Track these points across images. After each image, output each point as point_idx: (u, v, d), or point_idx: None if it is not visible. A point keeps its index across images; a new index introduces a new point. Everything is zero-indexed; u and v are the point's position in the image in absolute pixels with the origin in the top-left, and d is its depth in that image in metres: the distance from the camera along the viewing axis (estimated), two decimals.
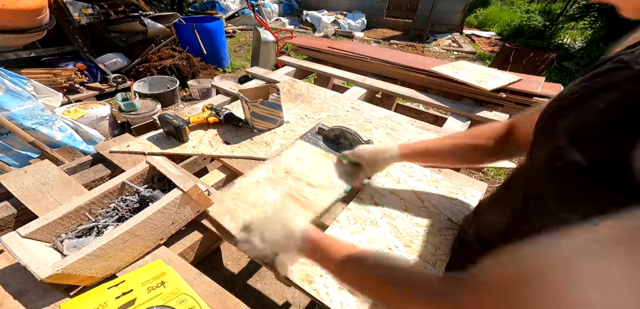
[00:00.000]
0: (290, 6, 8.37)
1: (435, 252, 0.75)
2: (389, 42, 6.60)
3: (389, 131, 1.24)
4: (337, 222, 0.81)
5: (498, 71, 1.62)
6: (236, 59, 4.71)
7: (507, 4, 9.26)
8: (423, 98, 1.55)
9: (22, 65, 2.72)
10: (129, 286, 0.59)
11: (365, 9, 7.79)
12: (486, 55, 5.74)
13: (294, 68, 1.96)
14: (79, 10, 3.01)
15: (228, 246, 1.70)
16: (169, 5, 5.53)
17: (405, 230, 0.80)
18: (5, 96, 1.61)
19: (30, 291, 0.60)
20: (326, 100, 1.48)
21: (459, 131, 0.76)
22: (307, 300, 1.55)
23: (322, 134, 1.20)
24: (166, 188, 0.82)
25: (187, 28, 3.79)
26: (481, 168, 2.55)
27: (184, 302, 0.58)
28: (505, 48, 4.33)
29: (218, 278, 0.68)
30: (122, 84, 3.23)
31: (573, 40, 6.13)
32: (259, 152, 1.08)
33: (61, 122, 1.85)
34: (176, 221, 0.75)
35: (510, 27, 7.33)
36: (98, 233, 0.71)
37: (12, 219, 0.82)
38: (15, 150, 1.68)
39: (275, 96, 1.16)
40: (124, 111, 2.60)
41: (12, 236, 0.60)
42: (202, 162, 1.25)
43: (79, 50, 3.13)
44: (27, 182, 0.86)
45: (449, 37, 6.88)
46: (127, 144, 1.07)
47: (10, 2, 2.24)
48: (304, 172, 0.98)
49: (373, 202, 0.88)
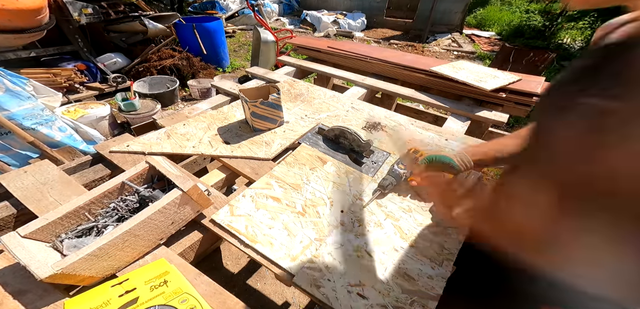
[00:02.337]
0: (290, 6, 8.36)
1: (441, 251, 0.75)
2: (389, 42, 6.60)
3: (389, 130, 1.24)
4: (341, 225, 0.81)
5: (498, 71, 1.62)
6: (236, 59, 4.70)
7: (505, 4, 9.26)
8: (423, 98, 1.55)
9: (21, 65, 2.72)
10: (132, 284, 0.59)
11: (365, 9, 7.78)
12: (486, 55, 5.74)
13: (293, 68, 1.96)
14: (79, 10, 3.01)
15: (228, 246, 1.70)
16: (169, 5, 5.52)
17: (410, 230, 0.80)
18: (5, 95, 1.61)
19: (30, 291, 0.60)
20: (326, 100, 1.48)
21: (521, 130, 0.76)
22: (306, 300, 1.55)
23: (322, 134, 1.20)
24: (166, 188, 0.82)
25: (187, 28, 3.79)
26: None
27: (185, 302, 0.58)
28: (505, 48, 4.33)
29: (218, 278, 0.68)
30: (122, 84, 3.22)
31: (573, 40, 6.13)
32: (259, 152, 1.08)
33: (61, 122, 1.85)
34: (176, 221, 0.75)
35: (510, 27, 7.33)
36: (98, 232, 0.71)
37: (11, 219, 0.82)
38: (15, 150, 1.68)
39: (275, 96, 1.16)
40: (124, 111, 2.59)
41: (12, 236, 0.60)
42: (202, 162, 1.25)
43: (79, 50, 3.13)
44: (26, 182, 0.86)
45: (449, 37, 6.88)
46: (127, 144, 1.07)
47: (10, 2, 2.24)
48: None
49: (376, 203, 0.88)
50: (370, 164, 1.05)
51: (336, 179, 0.97)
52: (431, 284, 0.68)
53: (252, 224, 0.79)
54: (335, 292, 0.65)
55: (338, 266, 0.71)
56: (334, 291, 0.65)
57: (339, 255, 0.73)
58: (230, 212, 0.82)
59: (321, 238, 0.77)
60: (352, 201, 0.89)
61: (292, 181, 0.95)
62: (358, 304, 0.63)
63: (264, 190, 0.91)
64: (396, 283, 0.68)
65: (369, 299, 0.64)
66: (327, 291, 0.65)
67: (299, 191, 0.91)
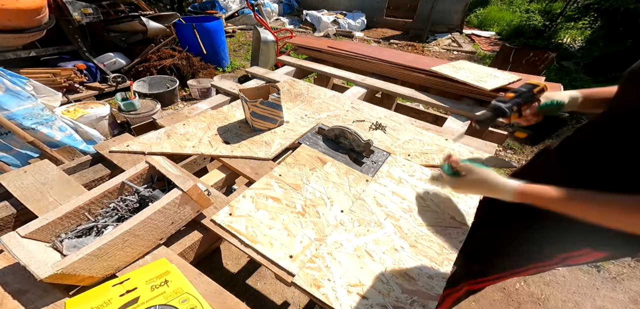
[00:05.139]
0: (290, 6, 8.36)
1: (441, 252, 0.75)
2: (389, 42, 6.60)
3: (389, 130, 1.24)
4: (341, 224, 0.81)
5: (498, 71, 1.62)
6: (236, 58, 4.70)
7: (506, 4, 9.26)
8: (423, 98, 1.55)
9: (21, 64, 2.72)
10: (133, 284, 0.59)
11: (365, 9, 7.78)
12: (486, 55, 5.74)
13: (293, 68, 1.96)
14: (79, 9, 3.00)
15: (228, 246, 1.70)
16: (169, 5, 5.52)
17: (410, 230, 0.80)
18: (5, 95, 1.61)
19: (30, 291, 0.60)
20: (326, 100, 1.48)
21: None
22: (306, 300, 1.55)
23: (322, 133, 1.20)
24: (166, 188, 0.82)
25: (187, 28, 3.79)
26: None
27: (186, 301, 0.58)
28: (505, 48, 4.33)
29: (218, 278, 0.68)
30: (122, 84, 3.22)
31: (573, 40, 6.13)
32: (258, 152, 1.08)
33: (61, 122, 1.85)
34: (176, 221, 0.75)
35: (510, 26, 7.33)
36: (98, 232, 0.71)
37: (11, 219, 0.82)
38: (15, 150, 1.68)
39: (275, 96, 1.16)
40: (124, 111, 2.59)
41: (12, 236, 0.59)
42: (202, 162, 1.25)
43: (79, 49, 3.13)
44: (26, 182, 0.86)
45: (449, 37, 6.88)
46: (127, 144, 1.07)
47: (10, 1, 2.23)
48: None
49: (376, 203, 0.88)
50: (370, 164, 1.05)
51: (336, 179, 0.97)
52: (431, 284, 0.68)
53: (252, 224, 0.79)
54: (335, 292, 0.65)
55: (338, 266, 0.71)
56: (334, 291, 0.65)
57: (339, 255, 0.73)
58: (230, 213, 0.82)
59: (321, 238, 0.77)
60: (352, 201, 0.89)
61: (292, 181, 0.95)
62: (358, 304, 0.63)
63: (264, 190, 0.91)
64: (396, 283, 0.68)
65: (369, 299, 0.64)
66: (327, 291, 0.65)
67: (299, 191, 0.91)
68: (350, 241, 0.77)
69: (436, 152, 1.12)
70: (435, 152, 1.12)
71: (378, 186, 0.94)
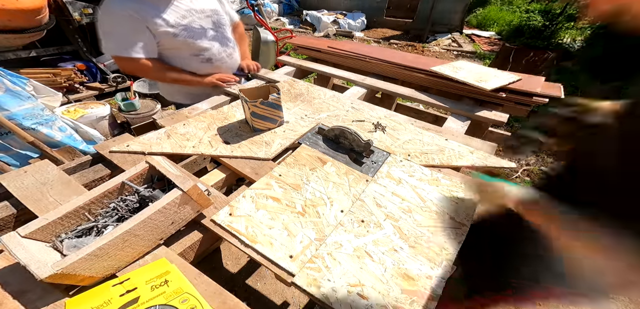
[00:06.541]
0: (290, 6, 8.36)
1: (441, 252, 0.75)
2: (389, 42, 6.60)
3: (389, 130, 1.24)
4: (340, 225, 0.81)
5: (498, 71, 1.62)
6: None
7: (506, 4, 9.26)
8: (423, 98, 1.55)
9: (21, 65, 2.72)
10: (133, 284, 0.59)
11: (365, 9, 7.79)
12: (486, 55, 5.74)
13: (293, 68, 1.96)
14: (79, 10, 3.01)
15: (228, 246, 1.70)
16: None
17: (410, 231, 0.80)
18: (5, 95, 1.61)
19: (30, 291, 0.60)
20: (326, 100, 1.48)
21: None
22: (306, 300, 1.55)
23: (322, 133, 1.20)
24: (166, 188, 0.82)
25: None
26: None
27: (186, 301, 0.58)
28: (505, 48, 4.33)
29: (218, 278, 0.68)
30: (122, 84, 3.23)
31: (573, 40, 6.13)
32: (258, 152, 1.08)
33: (61, 122, 1.85)
34: (176, 221, 0.75)
35: (510, 26, 7.33)
36: (98, 232, 0.71)
37: (11, 219, 0.82)
38: (15, 150, 1.68)
39: (276, 96, 1.16)
40: (124, 111, 2.60)
41: (12, 236, 0.59)
42: (202, 162, 1.25)
43: (79, 50, 3.13)
44: (26, 182, 0.86)
45: (449, 37, 6.89)
46: (127, 144, 1.07)
47: (10, 1, 2.24)
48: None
49: (375, 203, 0.88)
50: (370, 164, 1.05)
51: (336, 179, 0.97)
52: (431, 284, 0.68)
53: (252, 224, 0.79)
54: (335, 292, 0.65)
55: (338, 266, 0.71)
56: (334, 291, 0.65)
57: (339, 255, 0.73)
58: (230, 213, 0.82)
59: (321, 238, 0.77)
60: (352, 201, 0.89)
61: (292, 181, 0.95)
62: (358, 304, 0.63)
63: (264, 190, 0.91)
64: (396, 283, 0.68)
65: (369, 299, 0.64)
66: (327, 291, 0.65)
67: (299, 191, 0.91)
68: (350, 241, 0.77)
69: (436, 152, 1.12)
70: (435, 152, 1.12)
71: (378, 187, 0.94)
